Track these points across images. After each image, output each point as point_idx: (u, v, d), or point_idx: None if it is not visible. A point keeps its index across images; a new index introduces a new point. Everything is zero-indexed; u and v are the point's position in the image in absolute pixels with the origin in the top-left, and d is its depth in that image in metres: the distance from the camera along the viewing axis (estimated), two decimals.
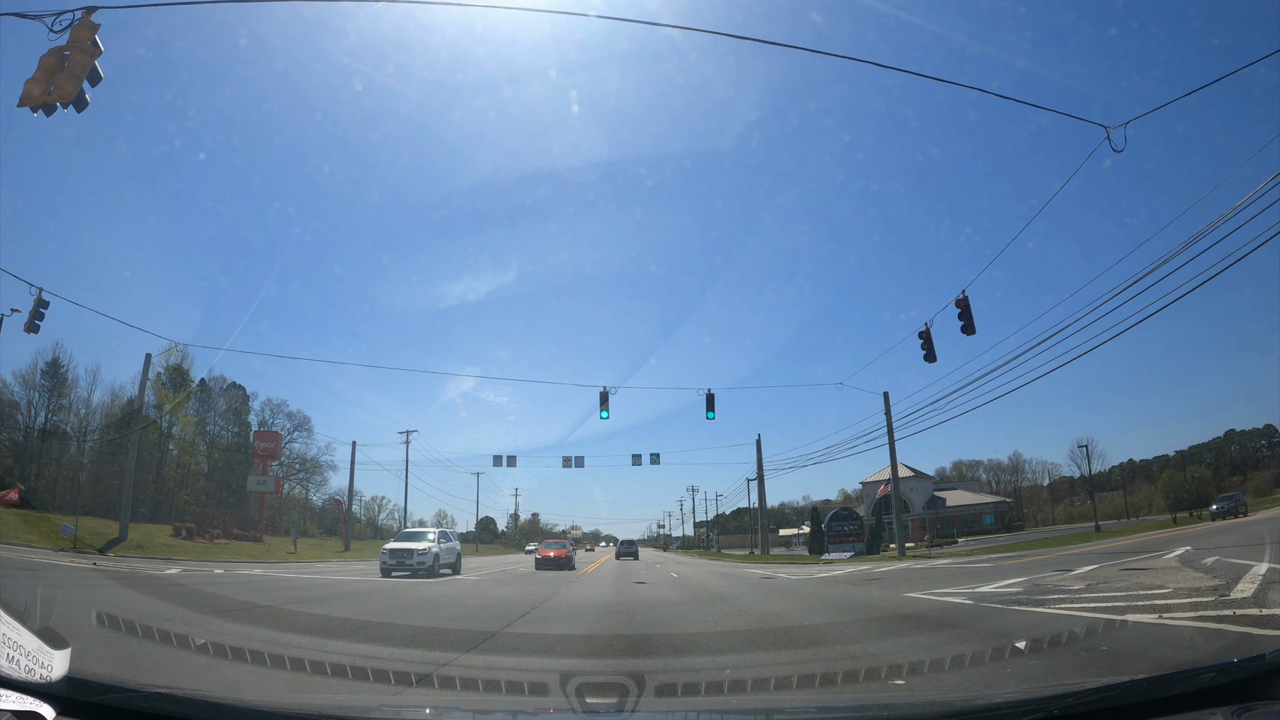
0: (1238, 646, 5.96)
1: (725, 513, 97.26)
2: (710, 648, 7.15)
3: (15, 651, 2.32)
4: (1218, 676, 2.54)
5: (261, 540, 44.57)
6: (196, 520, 42.03)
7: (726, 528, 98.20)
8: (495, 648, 7.30)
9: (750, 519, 72.06)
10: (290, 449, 64.62)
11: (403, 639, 7.99)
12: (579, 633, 8.77)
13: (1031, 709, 2.60)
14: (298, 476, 67.85)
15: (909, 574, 19.00)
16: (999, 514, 66.88)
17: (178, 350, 52.57)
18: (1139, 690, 2.57)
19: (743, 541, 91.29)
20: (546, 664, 6.34)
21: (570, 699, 4.20)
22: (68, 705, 2.34)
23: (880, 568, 24.09)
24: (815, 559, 39.01)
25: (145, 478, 49.52)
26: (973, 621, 8.81)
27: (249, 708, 2.86)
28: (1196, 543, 19.57)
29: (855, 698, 4.72)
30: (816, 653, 6.82)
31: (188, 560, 27.65)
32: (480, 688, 5.18)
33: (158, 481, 51.64)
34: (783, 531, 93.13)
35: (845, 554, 39.07)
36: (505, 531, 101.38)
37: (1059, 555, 21.78)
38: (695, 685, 5.32)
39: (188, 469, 56.26)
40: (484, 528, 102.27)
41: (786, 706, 4.38)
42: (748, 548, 65.97)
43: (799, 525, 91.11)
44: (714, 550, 79.50)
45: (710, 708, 4.57)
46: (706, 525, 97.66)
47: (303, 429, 65.40)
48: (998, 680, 5.15)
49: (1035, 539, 40.47)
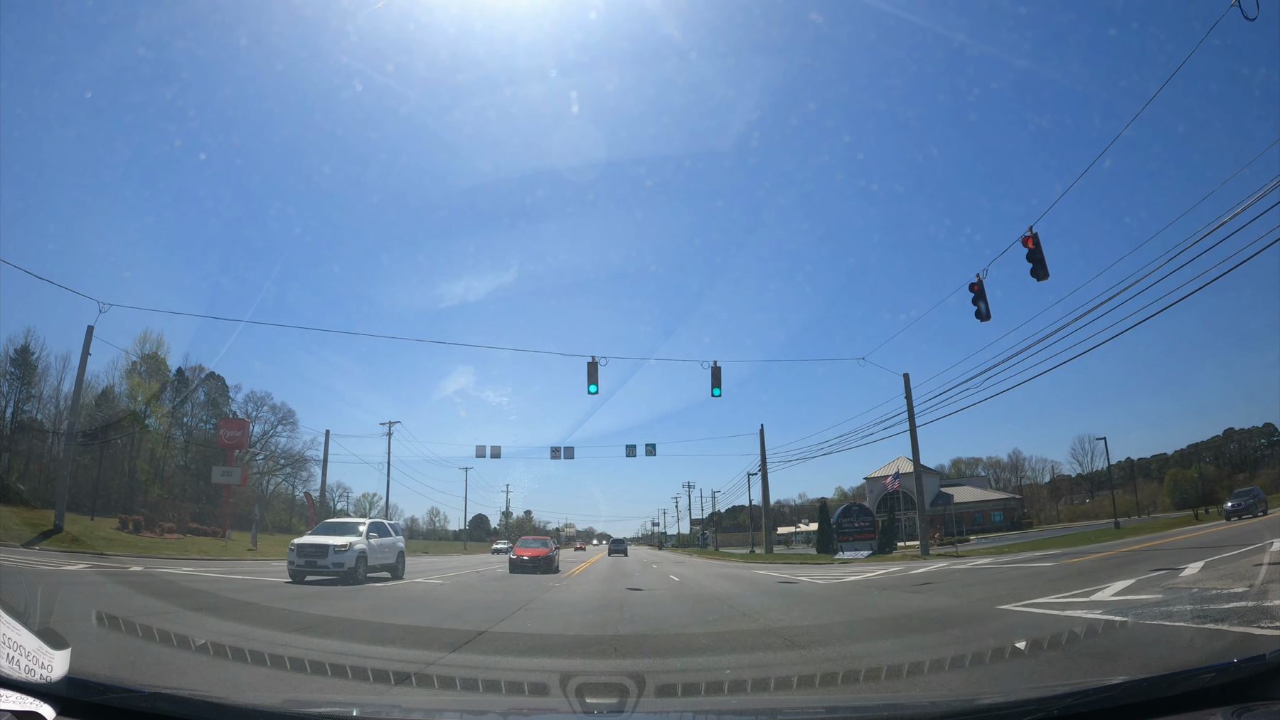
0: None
1: (720, 510, 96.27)
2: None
3: (15, 651, 2.32)
4: (1217, 676, 2.54)
5: (225, 536, 41.00)
6: (149, 512, 38.08)
7: (723, 525, 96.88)
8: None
9: (748, 517, 70.58)
10: (275, 443, 63.05)
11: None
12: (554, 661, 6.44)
13: (1032, 709, 2.60)
14: (283, 471, 65.83)
15: (964, 577, 16.46)
16: (1007, 511, 64.56)
17: (153, 339, 50.99)
18: (1139, 690, 2.57)
19: (740, 540, 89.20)
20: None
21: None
22: (68, 705, 2.34)
23: (917, 568, 21.56)
24: (827, 559, 35.79)
25: (116, 470, 48.12)
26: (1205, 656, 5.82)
27: (249, 708, 2.87)
28: (1270, 535, 17.34)
29: (857, 698, 4.71)
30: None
31: (119, 555, 24.54)
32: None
33: (129, 474, 49.23)
34: (780, 530, 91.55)
35: (860, 553, 36.10)
36: (498, 529, 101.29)
37: (1123, 552, 19.29)
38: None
39: (163, 462, 53.64)
40: (477, 525, 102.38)
41: (787, 707, 4.37)
42: (745, 546, 63.76)
43: (795, 523, 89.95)
44: (711, 549, 77.01)
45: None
46: (702, 523, 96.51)
47: (286, 422, 63.12)
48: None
49: (1054, 536, 37.23)
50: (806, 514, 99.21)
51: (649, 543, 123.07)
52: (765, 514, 54.79)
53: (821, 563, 32.24)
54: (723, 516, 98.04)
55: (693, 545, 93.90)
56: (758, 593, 14.95)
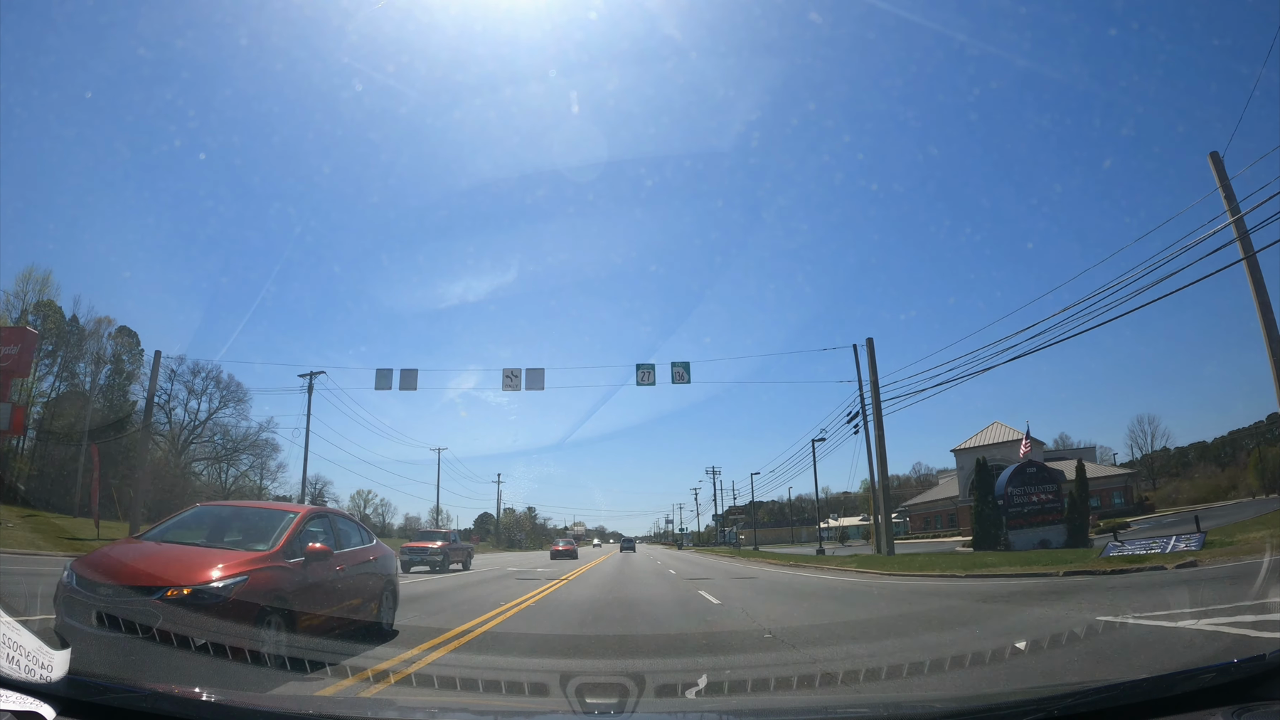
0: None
1: (737, 504, 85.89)
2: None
3: (15, 651, 2.32)
4: (1218, 676, 2.54)
5: (91, 516, 31.06)
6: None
7: (756, 521, 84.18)
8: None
9: (790, 511, 58.08)
10: (220, 424, 56.01)
11: None
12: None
13: (1032, 709, 2.60)
14: (230, 457, 58.29)
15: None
16: (1126, 491, 52.38)
17: (38, 279, 44.45)
18: (1139, 690, 2.57)
19: (776, 537, 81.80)
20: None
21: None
22: (68, 705, 2.34)
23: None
24: (1008, 560, 19.30)
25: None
26: None
27: (249, 708, 2.86)
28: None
29: (856, 697, 4.71)
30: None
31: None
32: None
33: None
34: (833, 522, 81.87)
35: (1037, 543, 24.71)
36: (490, 530, 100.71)
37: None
38: None
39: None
40: (480, 524, 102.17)
41: (788, 707, 4.37)
42: (786, 544, 48.11)
43: (826, 518, 78.29)
44: (749, 549, 59.04)
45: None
46: (721, 518, 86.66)
47: (235, 399, 55.32)
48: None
49: (1241, 517, 24.15)
50: (837, 507, 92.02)
51: (661, 542, 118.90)
52: (883, 481, 30.51)
53: (1035, 567, 16.06)
54: (737, 511, 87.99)
55: (709, 544, 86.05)
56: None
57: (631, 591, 15.43)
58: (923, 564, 20.96)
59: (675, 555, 54.08)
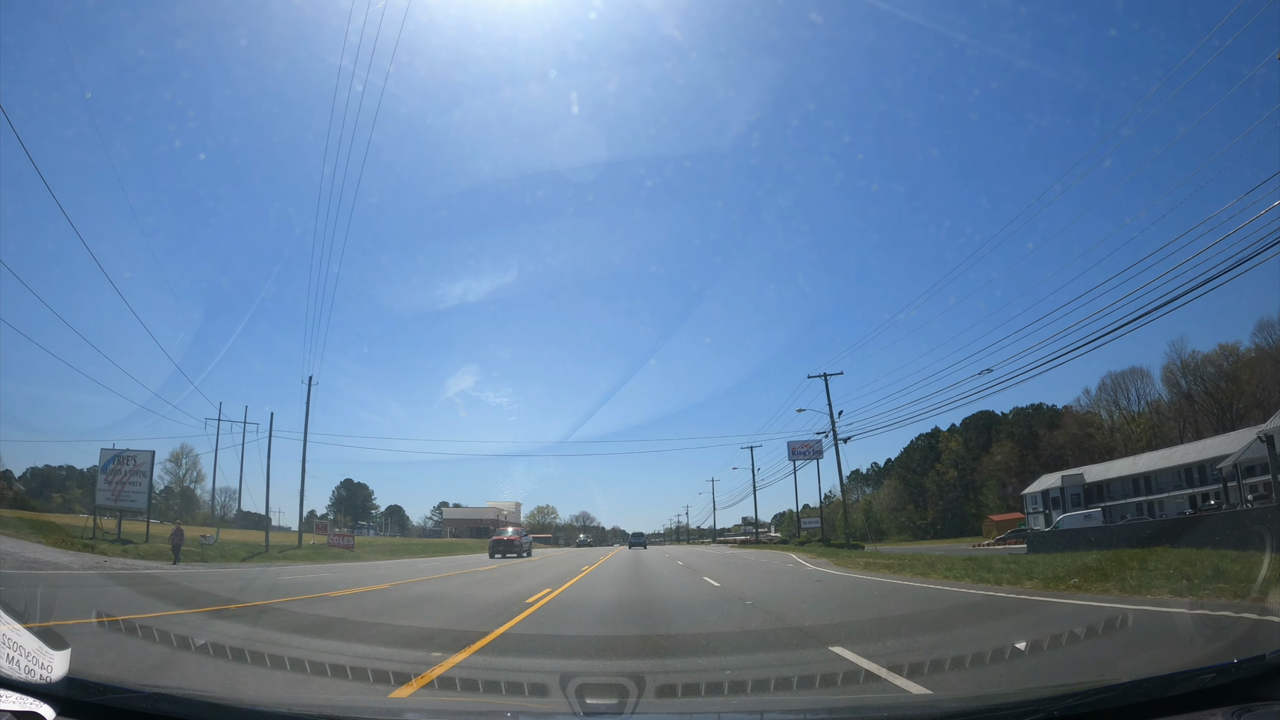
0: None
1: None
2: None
3: (15, 652, 2.32)
4: (1218, 677, 2.53)
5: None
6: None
7: (787, 522, 78.62)
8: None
9: (830, 513, 52.69)
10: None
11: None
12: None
13: (1031, 709, 2.59)
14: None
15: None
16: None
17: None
18: (1139, 690, 2.56)
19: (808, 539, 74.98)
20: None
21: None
22: (68, 705, 2.34)
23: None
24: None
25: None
26: None
27: (249, 708, 2.86)
28: None
29: (855, 698, 4.70)
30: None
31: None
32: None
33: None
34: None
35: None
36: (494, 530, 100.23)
37: None
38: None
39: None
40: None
41: (787, 706, 4.36)
42: (821, 551, 36.68)
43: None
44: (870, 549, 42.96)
45: None
46: (754, 520, 76.99)
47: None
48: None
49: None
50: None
51: (673, 541, 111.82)
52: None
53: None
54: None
55: (793, 542, 75.18)
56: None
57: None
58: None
59: (698, 550, 42.03)
